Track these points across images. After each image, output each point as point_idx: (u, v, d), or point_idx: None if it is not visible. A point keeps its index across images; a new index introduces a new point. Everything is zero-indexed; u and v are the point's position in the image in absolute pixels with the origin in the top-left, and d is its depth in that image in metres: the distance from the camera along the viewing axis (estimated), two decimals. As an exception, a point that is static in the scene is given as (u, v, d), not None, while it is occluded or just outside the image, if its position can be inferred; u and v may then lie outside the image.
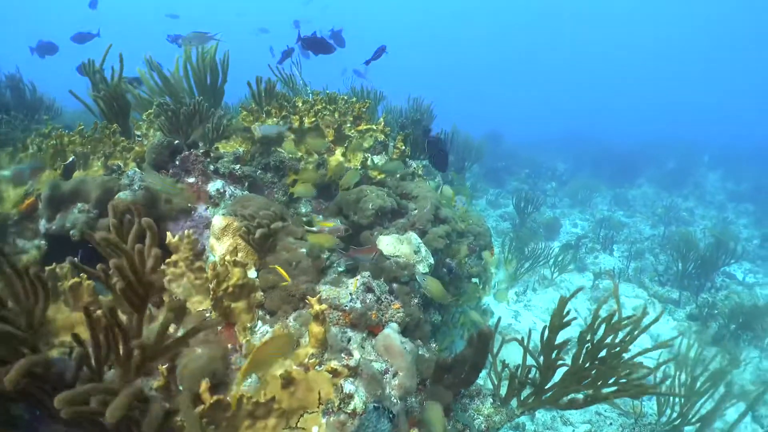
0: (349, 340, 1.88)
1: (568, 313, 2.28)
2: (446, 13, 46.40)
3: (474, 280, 3.59)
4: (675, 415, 4.35)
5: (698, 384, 4.53)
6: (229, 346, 1.72)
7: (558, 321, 2.11)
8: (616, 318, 2.16)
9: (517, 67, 45.83)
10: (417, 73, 42.40)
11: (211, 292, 1.75)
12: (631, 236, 9.42)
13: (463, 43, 46.48)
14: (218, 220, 2.13)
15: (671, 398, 4.39)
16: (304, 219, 2.79)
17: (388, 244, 2.54)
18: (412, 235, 2.66)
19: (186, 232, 1.85)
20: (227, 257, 1.74)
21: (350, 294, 2.00)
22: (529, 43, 46.38)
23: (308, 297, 1.81)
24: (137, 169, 2.53)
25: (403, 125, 4.14)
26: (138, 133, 3.09)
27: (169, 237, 1.85)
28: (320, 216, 2.84)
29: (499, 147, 13.21)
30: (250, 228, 2.03)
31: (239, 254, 2.06)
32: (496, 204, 10.62)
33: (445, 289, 2.54)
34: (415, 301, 2.38)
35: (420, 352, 2.14)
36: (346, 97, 3.64)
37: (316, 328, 1.68)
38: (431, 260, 2.59)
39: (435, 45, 47.14)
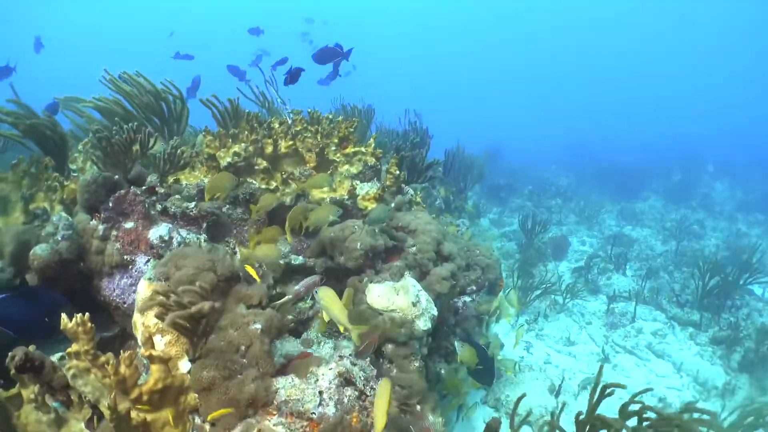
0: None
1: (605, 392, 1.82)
2: (443, 26, 46.50)
3: (494, 332, 3.13)
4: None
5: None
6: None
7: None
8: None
9: (514, 79, 45.73)
10: (413, 87, 42.34)
11: (111, 404, 1.26)
12: (643, 253, 8.95)
13: (460, 56, 46.39)
14: (143, 288, 1.67)
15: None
16: (282, 263, 2.33)
17: (381, 295, 2.09)
18: (410, 282, 2.21)
19: (80, 317, 1.39)
20: (143, 349, 1.28)
21: (319, 393, 1.50)
22: (525, 56, 46.41)
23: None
24: (63, 214, 2.08)
25: (398, 147, 3.72)
26: (73, 167, 2.63)
27: (64, 321, 1.39)
28: (300, 257, 2.38)
29: (500, 163, 12.80)
30: (169, 308, 1.55)
31: (165, 337, 1.58)
32: (499, 223, 10.18)
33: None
34: (416, 365, 1.91)
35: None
36: (331, 116, 3.23)
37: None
38: (434, 311, 2.14)
39: (431, 58, 47.09)
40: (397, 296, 2.09)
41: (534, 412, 4.43)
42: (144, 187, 2.24)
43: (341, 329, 1.97)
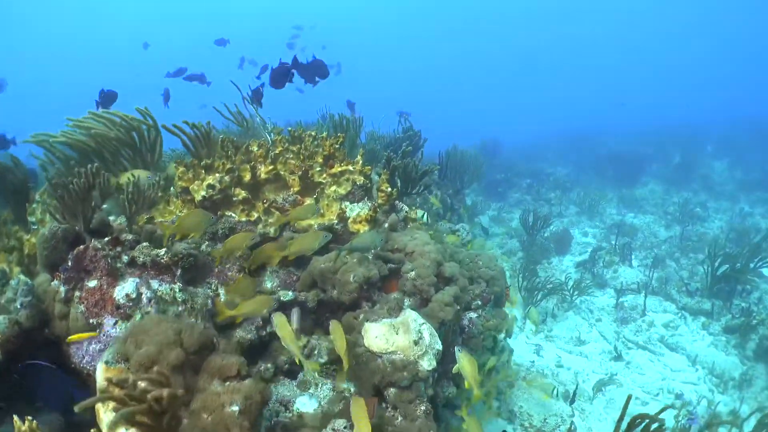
0: None
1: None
2: (427, 18, 46.01)
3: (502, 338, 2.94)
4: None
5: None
6: None
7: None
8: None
9: (503, 69, 45.33)
10: (403, 83, 42.02)
11: None
12: (647, 241, 8.78)
13: (447, 48, 45.96)
14: (99, 374, 1.46)
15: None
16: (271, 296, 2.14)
17: (379, 336, 1.91)
18: (410, 317, 2.03)
19: (28, 423, 1.21)
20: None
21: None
22: (515, 44, 45.96)
23: None
24: (22, 277, 1.87)
25: (389, 159, 3.52)
26: (32, 219, 2.42)
27: (17, 424, 1.21)
28: (290, 292, 2.19)
29: (495, 157, 12.59)
30: (125, 401, 1.34)
31: (130, 432, 1.37)
32: (499, 220, 9.99)
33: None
34: (423, 408, 1.73)
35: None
36: (314, 133, 3.03)
37: None
38: (438, 345, 1.96)
39: (418, 52, 46.64)
40: (396, 336, 1.90)
41: (549, 422, 4.27)
42: (107, 238, 2.04)
43: (296, 361, 1.81)
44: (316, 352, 2.14)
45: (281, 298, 2.24)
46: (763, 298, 6.77)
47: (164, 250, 2.05)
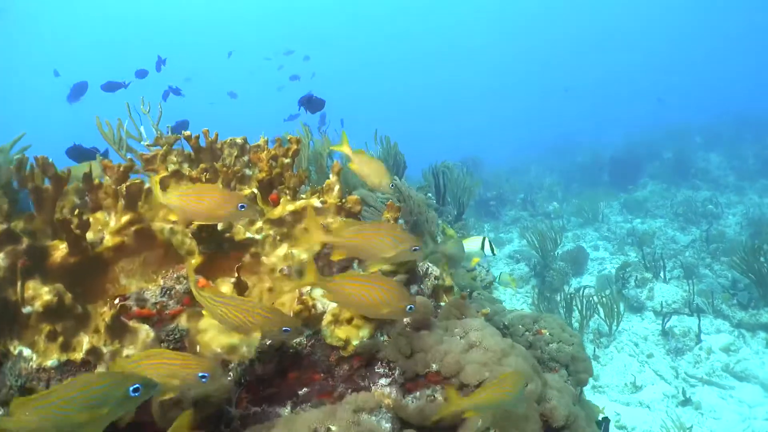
0: None
1: None
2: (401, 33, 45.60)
3: None
4: None
5: None
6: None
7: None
8: None
9: (473, 85, 44.77)
10: (371, 103, 41.24)
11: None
12: (667, 248, 7.76)
13: (422, 64, 45.34)
14: None
15: None
16: None
17: None
18: None
19: None
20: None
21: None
22: (481, 59, 45.69)
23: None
24: None
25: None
26: None
27: None
28: None
29: (479, 173, 11.57)
30: None
31: None
32: (496, 242, 8.89)
33: None
34: None
35: None
36: (240, 140, 2.07)
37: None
38: None
39: (392, 69, 46.01)
40: None
41: None
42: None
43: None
44: None
45: None
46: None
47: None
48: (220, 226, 1.76)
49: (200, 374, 1.21)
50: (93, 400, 1.01)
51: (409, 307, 1.36)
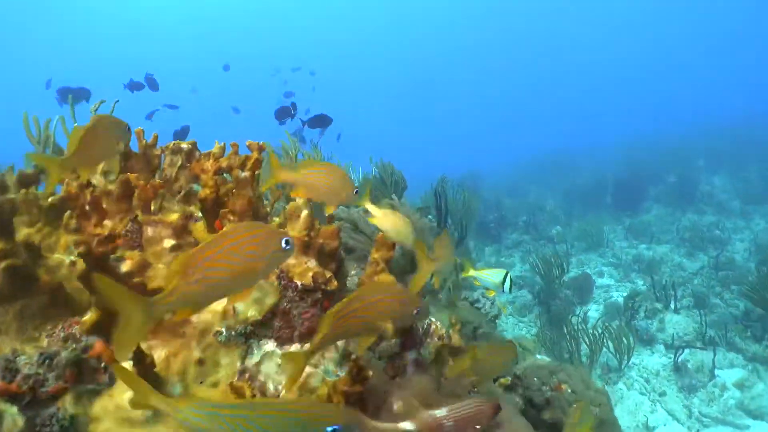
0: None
1: None
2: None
3: None
4: None
5: None
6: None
7: None
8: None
9: (471, 97, 44.56)
10: (376, 110, 41.02)
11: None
12: (675, 275, 7.50)
13: (414, 78, 45.18)
14: None
15: None
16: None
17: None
18: None
19: None
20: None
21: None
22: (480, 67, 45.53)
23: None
24: None
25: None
26: None
27: None
28: None
29: (482, 192, 11.34)
30: None
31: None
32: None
33: None
34: None
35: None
36: (183, 145, 1.72)
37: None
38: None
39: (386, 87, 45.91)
40: None
41: None
42: None
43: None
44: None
45: None
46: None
47: None
48: (125, 267, 1.36)
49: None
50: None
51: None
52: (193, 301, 0.96)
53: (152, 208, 1.54)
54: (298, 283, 1.41)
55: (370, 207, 1.57)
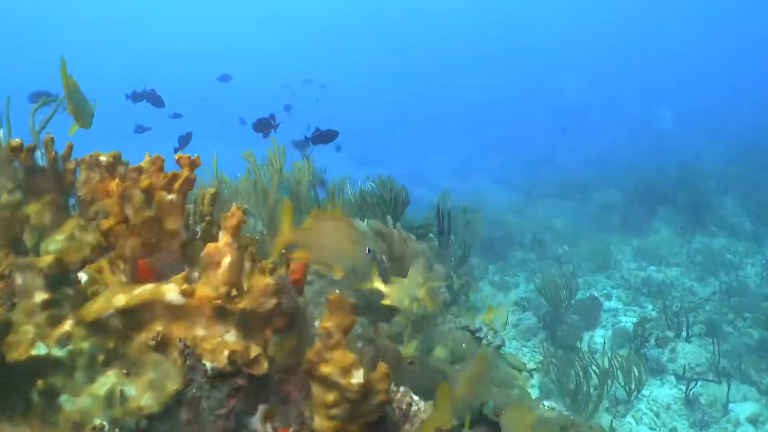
0: None
1: None
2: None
3: None
4: None
5: None
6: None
7: None
8: None
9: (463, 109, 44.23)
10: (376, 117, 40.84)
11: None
12: (686, 301, 7.25)
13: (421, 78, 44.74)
14: None
15: None
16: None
17: None
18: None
19: None
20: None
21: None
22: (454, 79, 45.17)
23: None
24: None
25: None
26: None
27: None
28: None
29: (487, 209, 11.12)
30: None
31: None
32: (502, 286, 8.43)
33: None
34: None
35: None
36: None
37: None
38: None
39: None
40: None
41: None
42: None
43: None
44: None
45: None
46: None
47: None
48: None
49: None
50: None
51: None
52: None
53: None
54: (208, 365, 1.06)
55: (381, 287, 1.41)
